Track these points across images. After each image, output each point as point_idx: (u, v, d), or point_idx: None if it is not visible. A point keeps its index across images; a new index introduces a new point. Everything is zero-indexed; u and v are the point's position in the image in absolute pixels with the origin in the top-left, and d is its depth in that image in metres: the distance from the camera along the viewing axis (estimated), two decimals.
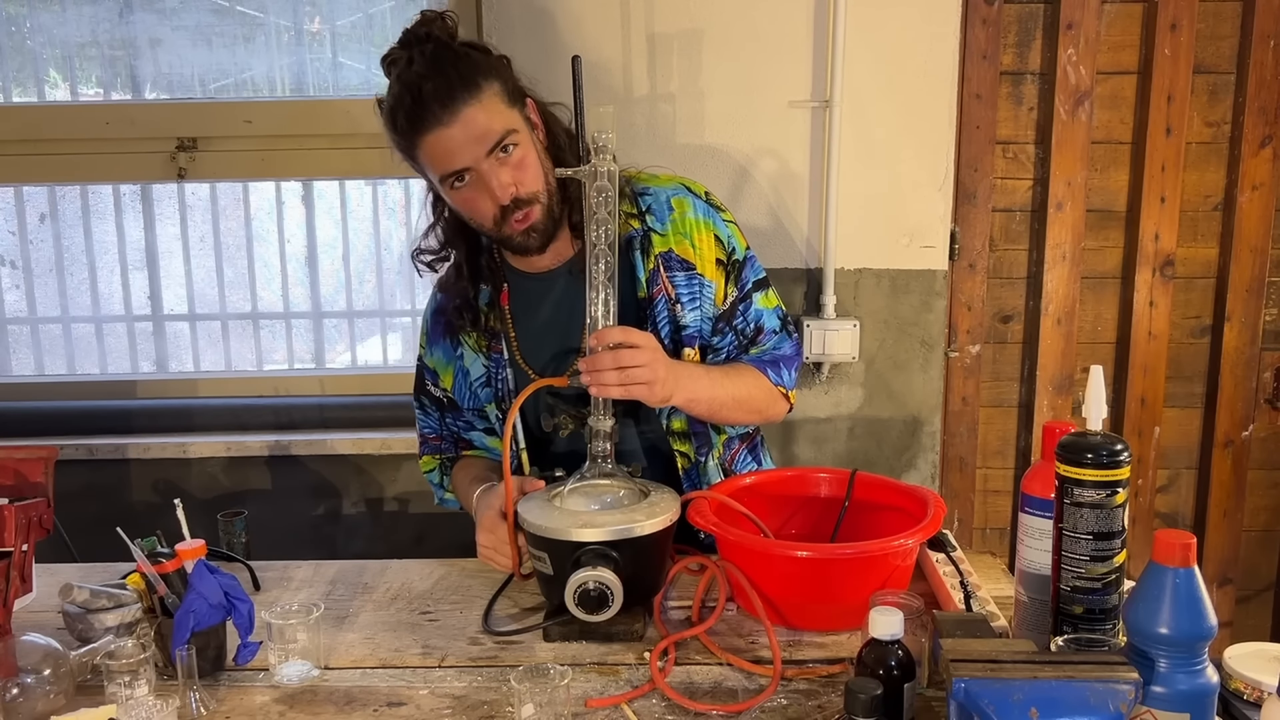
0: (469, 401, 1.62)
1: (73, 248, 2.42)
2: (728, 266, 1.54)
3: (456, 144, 1.37)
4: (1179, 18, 2.21)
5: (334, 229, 2.43)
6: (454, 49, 1.39)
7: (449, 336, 1.60)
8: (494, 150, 1.38)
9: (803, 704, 1.14)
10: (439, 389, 1.64)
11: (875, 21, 2.13)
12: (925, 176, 2.20)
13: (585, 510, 1.33)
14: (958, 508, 2.44)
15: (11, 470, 1.41)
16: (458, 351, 1.60)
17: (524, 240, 1.46)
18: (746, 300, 1.55)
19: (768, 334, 1.57)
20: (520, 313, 1.57)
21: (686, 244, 1.52)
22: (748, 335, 1.56)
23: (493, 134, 1.37)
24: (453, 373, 1.62)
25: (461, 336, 1.59)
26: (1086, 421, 1.11)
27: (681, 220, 1.52)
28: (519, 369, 1.56)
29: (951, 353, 2.36)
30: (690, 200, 1.54)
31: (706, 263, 1.52)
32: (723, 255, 1.54)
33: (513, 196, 1.40)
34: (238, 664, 1.24)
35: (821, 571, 1.28)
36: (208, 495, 2.34)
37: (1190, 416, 2.41)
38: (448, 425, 1.67)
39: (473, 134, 1.36)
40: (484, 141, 1.37)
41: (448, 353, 1.61)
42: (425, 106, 1.35)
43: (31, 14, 2.31)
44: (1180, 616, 0.95)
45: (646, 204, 1.53)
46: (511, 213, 1.42)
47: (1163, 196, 2.28)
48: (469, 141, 1.37)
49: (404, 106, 1.37)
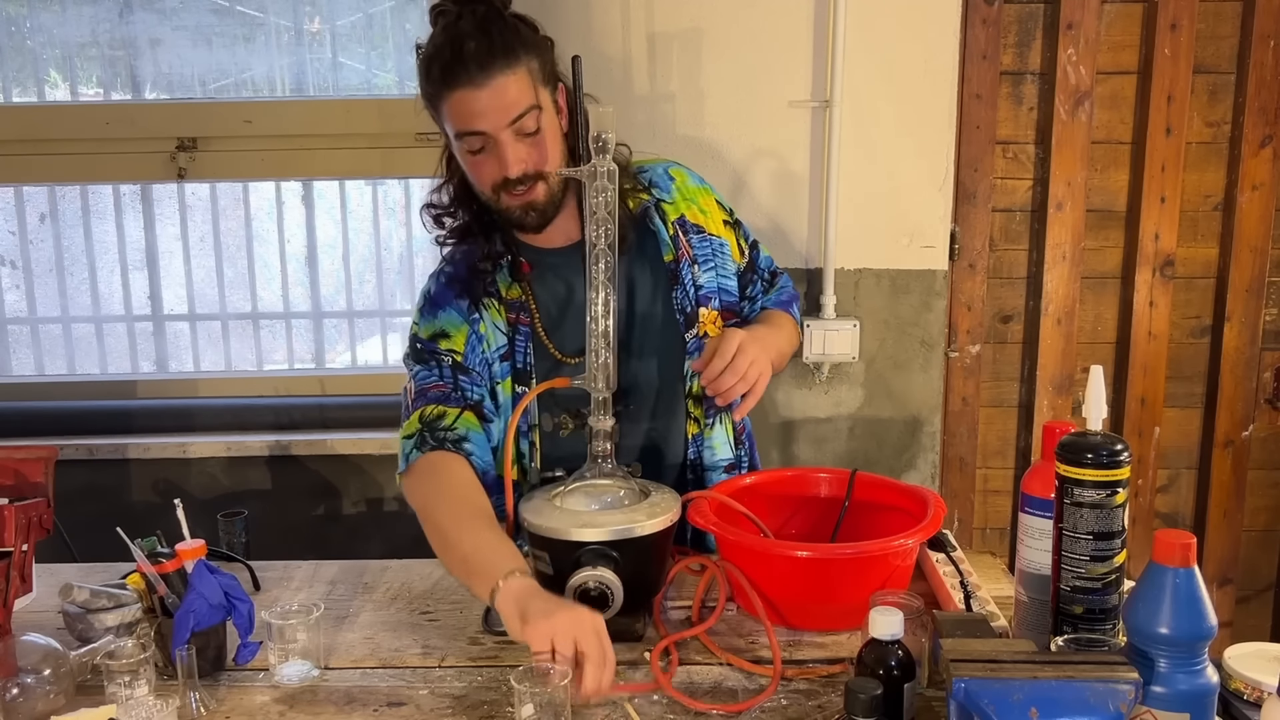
0: (480, 365, 1.51)
1: (73, 248, 2.42)
2: (733, 224, 1.64)
3: (482, 107, 1.38)
4: (1179, 18, 2.21)
5: (334, 229, 2.43)
6: (504, 17, 1.41)
7: (466, 297, 1.52)
8: (516, 122, 1.40)
9: (803, 704, 1.14)
10: (446, 350, 1.50)
11: (875, 21, 2.13)
12: (925, 176, 2.20)
13: (585, 510, 1.33)
14: (958, 508, 2.44)
15: (11, 470, 1.41)
16: (474, 315, 1.51)
17: (520, 215, 1.47)
18: (755, 250, 1.68)
19: (780, 276, 1.72)
20: (539, 286, 1.55)
21: (694, 208, 1.59)
22: (767, 279, 1.69)
23: (518, 106, 1.39)
24: (466, 334, 1.51)
25: (484, 302, 1.52)
26: (1086, 421, 1.11)
27: (684, 188, 1.60)
28: (540, 343, 1.52)
29: (951, 353, 2.36)
30: (685, 171, 1.63)
31: (715, 223, 1.60)
32: (726, 216, 1.64)
33: (522, 172, 1.42)
34: (238, 664, 1.24)
35: (821, 571, 1.28)
36: (208, 495, 2.34)
37: (1190, 416, 2.41)
38: (460, 383, 1.50)
39: (500, 102, 1.38)
40: (509, 112, 1.39)
41: (462, 313, 1.51)
42: (462, 64, 1.37)
43: (31, 14, 2.31)
44: (1180, 616, 0.95)
45: (647, 179, 1.59)
46: (514, 185, 1.43)
47: (1163, 196, 2.28)
48: (494, 108, 1.38)
49: (442, 59, 1.39)
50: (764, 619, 1.26)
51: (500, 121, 1.39)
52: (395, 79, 2.34)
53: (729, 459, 1.59)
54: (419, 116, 1.48)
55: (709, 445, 1.57)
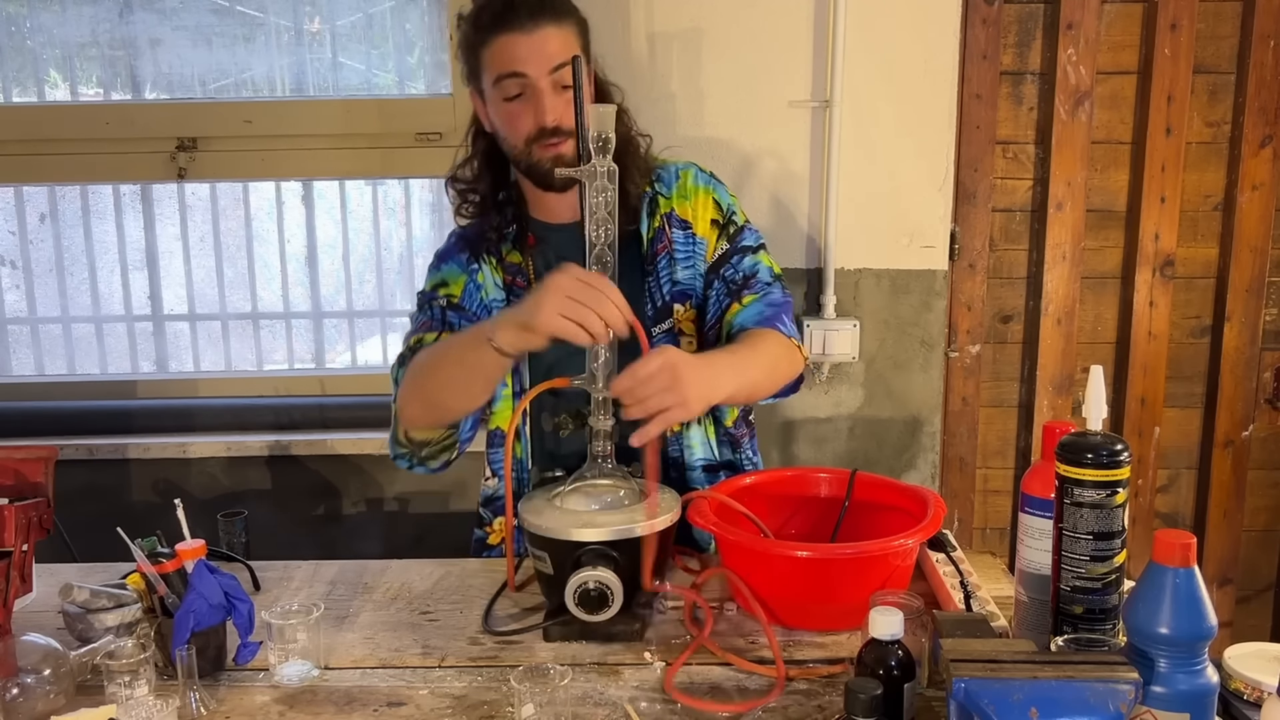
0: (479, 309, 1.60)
1: (73, 248, 2.42)
2: (722, 226, 1.61)
3: (526, 51, 1.45)
4: (1179, 18, 2.21)
5: (334, 229, 2.43)
6: None
7: (467, 252, 1.61)
8: (556, 71, 1.46)
9: (803, 704, 1.14)
10: (444, 295, 1.60)
11: (875, 21, 2.13)
12: (925, 176, 2.20)
13: (585, 510, 1.33)
14: (958, 508, 2.44)
15: (11, 470, 1.41)
16: (473, 266, 1.60)
17: (550, 167, 1.49)
18: (740, 254, 1.59)
19: (759, 283, 1.57)
20: (539, 257, 1.60)
21: (686, 205, 1.60)
22: (736, 283, 1.57)
23: (560, 57, 1.45)
24: (464, 283, 1.60)
25: (484, 258, 1.60)
26: (1086, 421, 1.11)
27: (684, 185, 1.61)
28: None
29: (951, 353, 2.36)
30: (694, 171, 1.64)
31: (702, 222, 1.60)
32: (719, 217, 1.61)
33: (555, 123, 1.47)
34: (238, 664, 1.24)
35: (821, 571, 1.28)
36: (208, 495, 2.34)
37: (1190, 416, 2.41)
38: (448, 320, 1.58)
39: (544, 49, 1.45)
40: (551, 60, 1.45)
41: (462, 265, 1.61)
42: (514, 10, 1.45)
43: (31, 14, 2.31)
44: (1180, 616, 0.95)
45: (657, 174, 1.62)
46: (548, 136, 1.48)
47: (1163, 196, 2.28)
48: (538, 54, 1.45)
49: (494, 8, 1.47)
50: (762, 619, 1.26)
51: (542, 68, 1.45)
52: (395, 79, 2.33)
53: (708, 459, 1.61)
54: (419, 116, 1.49)
55: (687, 444, 1.60)
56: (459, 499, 2.37)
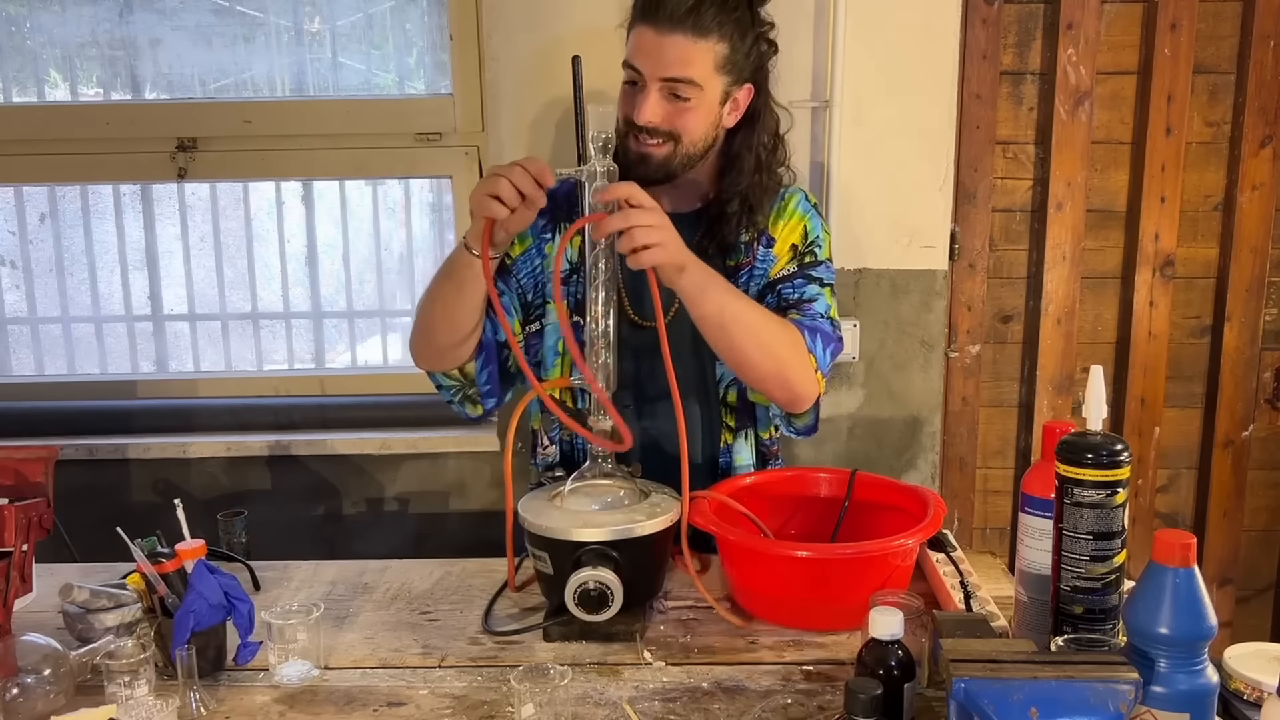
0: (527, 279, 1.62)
1: (73, 248, 2.42)
2: (800, 251, 1.61)
3: (650, 50, 1.48)
4: (1179, 18, 2.21)
5: (334, 229, 2.43)
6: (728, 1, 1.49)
7: (546, 216, 1.57)
8: (668, 82, 1.48)
9: (803, 704, 1.14)
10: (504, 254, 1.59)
11: (875, 21, 2.12)
12: (925, 176, 2.20)
13: (585, 510, 1.33)
14: (958, 508, 2.44)
15: (11, 470, 1.41)
16: (546, 235, 1.62)
17: (635, 160, 1.52)
18: (806, 280, 1.59)
19: (812, 310, 1.56)
20: None
21: (780, 224, 1.62)
22: (789, 301, 1.57)
23: (677, 70, 1.47)
24: (528, 245, 1.61)
25: (562, 227, 1.61)
26: (1086, 421, 1.11)
27: (784, 208, 1.63)
28: None
29: (951, 353, 2.36)
30: (800, 197, 1.65)
31: (784, 243, 1.62)
32: (799, 243, 1.62)
33: (647, 123, 1.49)
34: (238, 664, 1.24)
35: (821, 571, 1.28)
36: (208, 495, 2.34)
37: (1190, 416, 2.41)
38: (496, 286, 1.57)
39: (665, 56, 1.47)
40: (666, 68, 1.48)
41: (535, 229, 1.60)
42: (659, 6, 1.47)
43: (31, 14, 2.31)
44: (1180, 616, 0.95)
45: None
46: (640, 131, 1.51)
47: (1163, 196, 2.28)
48: (655, 58, 1.48)
49: None
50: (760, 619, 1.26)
51: (655, 71, 1.48)
52: (395, 79, 2.33)
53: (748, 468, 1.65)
54: (419, 116, 1.49)
55: (736, 453, 1.64)
56: (459, 499, 2.37)
